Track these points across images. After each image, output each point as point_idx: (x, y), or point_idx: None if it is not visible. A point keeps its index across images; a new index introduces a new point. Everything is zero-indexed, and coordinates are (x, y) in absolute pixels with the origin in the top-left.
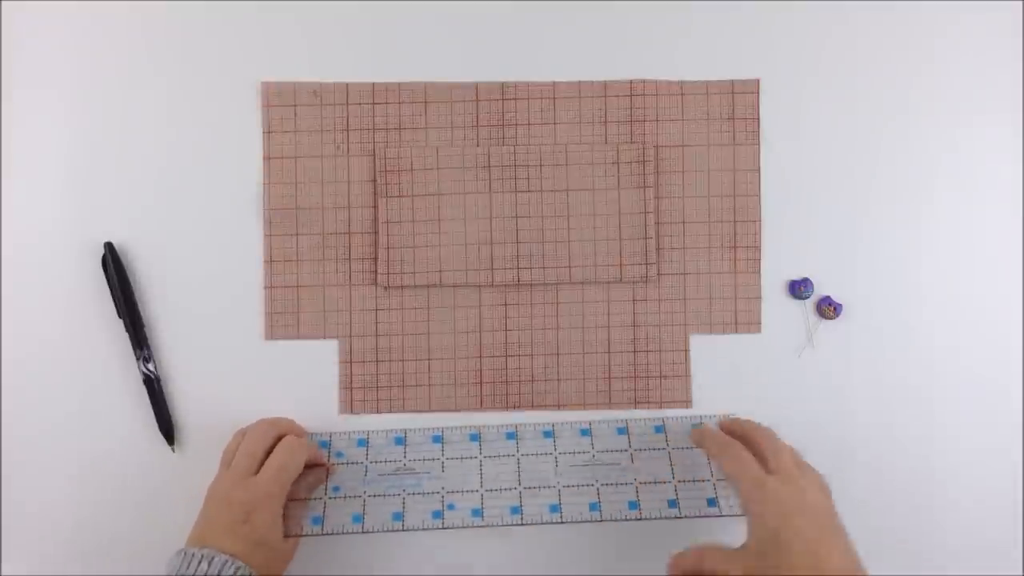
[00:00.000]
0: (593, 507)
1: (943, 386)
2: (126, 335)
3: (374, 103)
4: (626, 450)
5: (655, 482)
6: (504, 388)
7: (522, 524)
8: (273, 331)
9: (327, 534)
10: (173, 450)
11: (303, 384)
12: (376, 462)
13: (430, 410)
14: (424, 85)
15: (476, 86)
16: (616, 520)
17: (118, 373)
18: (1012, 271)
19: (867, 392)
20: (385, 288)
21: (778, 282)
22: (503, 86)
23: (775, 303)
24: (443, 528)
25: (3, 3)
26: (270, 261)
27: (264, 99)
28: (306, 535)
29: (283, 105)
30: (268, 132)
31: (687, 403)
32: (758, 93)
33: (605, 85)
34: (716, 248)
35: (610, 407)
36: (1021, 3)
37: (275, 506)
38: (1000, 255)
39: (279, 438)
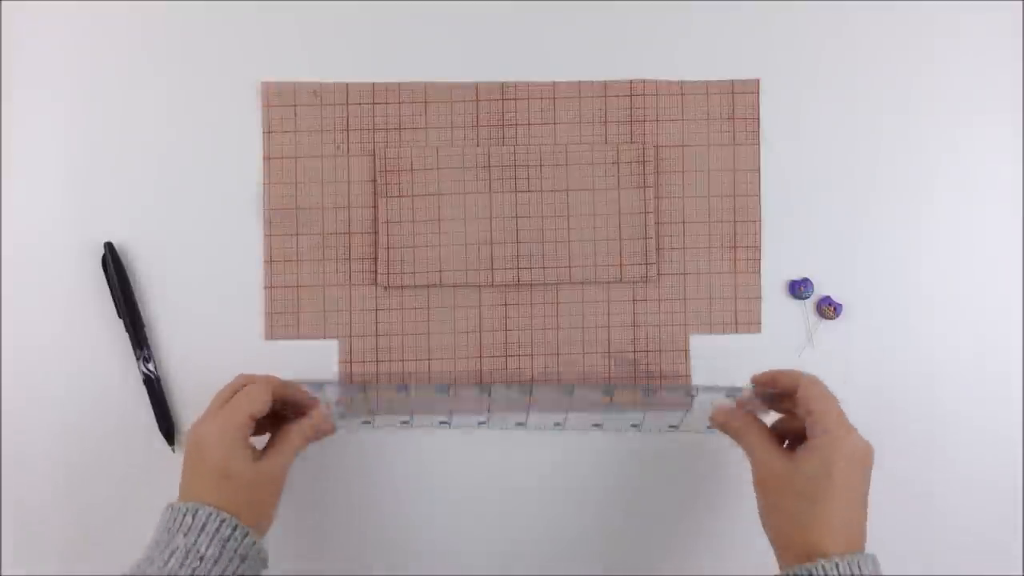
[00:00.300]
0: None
1: (943, 386)
2: (126, 335)
3: (374, 103)
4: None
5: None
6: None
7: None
8: (273, 331)
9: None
10: (173, 450)
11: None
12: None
13: (431, 411)
14: (424, 85)
15: (476, 86)
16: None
17: (118, 373)
18: (1012, 271)
19: (867, 392)
20: (385, 288)
21: (778, 282)
22: (503, 86)
23: (775, 303)
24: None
25: (3, 3)
26: (270, 261)
27: (264, 99)
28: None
29: (283, 105)
30: (268, 132)
31: (687, 403)
32: (758, 93)
33: (605, 85)
34: (716, 248)
35: (610, 407)
36: (1021, 3)
37: (227, 433)
38: (1000, 255)
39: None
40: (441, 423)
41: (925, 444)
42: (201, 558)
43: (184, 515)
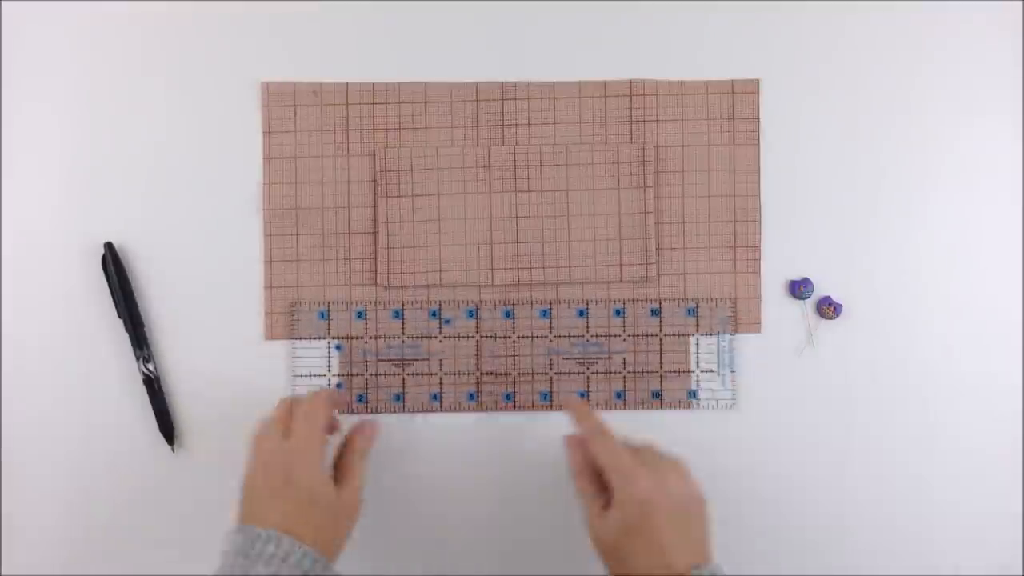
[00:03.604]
0: (581, 395)
1: (943, 386)
2: (126, 335)
3: (374, 103)
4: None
5: (644, 372)
6: (504, 387)
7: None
8: (273, 331)
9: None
10: (173, 450)
11: (303, 384)
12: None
13: (430, 411)
14: (424, 85)
15: (476, 86)
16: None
17: (118, 373)
18: (1012, 271)
19: (867, 392)
20: (385, 288)
21: (778, 282)
22: (503, 86)
23: (775, 303)
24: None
25: (3, 3)
26: (270, 261)
27: (264, 99)
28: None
29: (283, 105)
30: (268, 132)
31: (687, 404)
32: (758, 93)
33: (605, 85)
34: (716, 248)
35: (610, 407)
36: (1021, 3)
37: (313, 458)
38: (1000, 255)
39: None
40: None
41: (925, 444)
42: None
43: (266, 543)
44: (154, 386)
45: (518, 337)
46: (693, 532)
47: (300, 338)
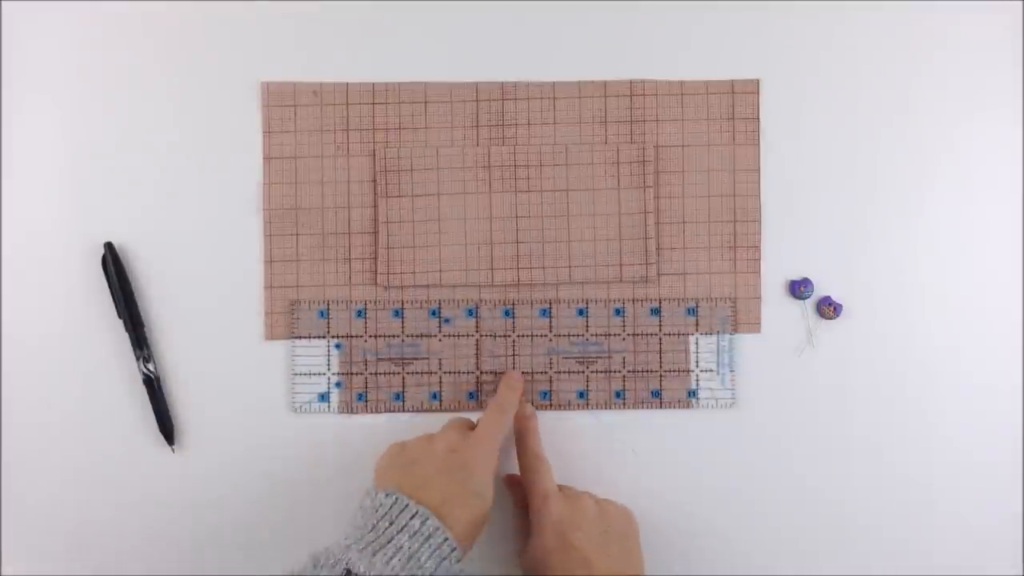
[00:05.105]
0: (580, 395)
1: (943, 386)
2: (126, 335)
3: (374, 103)
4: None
5: (643, 371)
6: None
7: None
8: (273, 331)
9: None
10: (173, 450)
11: (303, 384)
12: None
13: (430, 410)
14: (424, 85)
15: (476, 86)
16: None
17: (118, 373)
18: (1012, 271)
19: (867, 392)
20: (385, 288)
21: (778, 282)
22: (503, 86)
23: (775, 303)
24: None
25: (3, 3)
26: (270, 261)
27: (264, 99)
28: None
29: (283, 105)
30: (268, 132)
31: (687, 404)
32: (758, 93)
33: (605, 85)
34: (716, 248)
35: (609, 407)
36: (1021, 3)
37: (491, 456)
38: (1000, 255)
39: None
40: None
41: (925, 444)
42: (421, 568)
43: (412, 517)
44: (154, 386)
45: (518, 336)
46: (614, 547)
47: (300, 337)
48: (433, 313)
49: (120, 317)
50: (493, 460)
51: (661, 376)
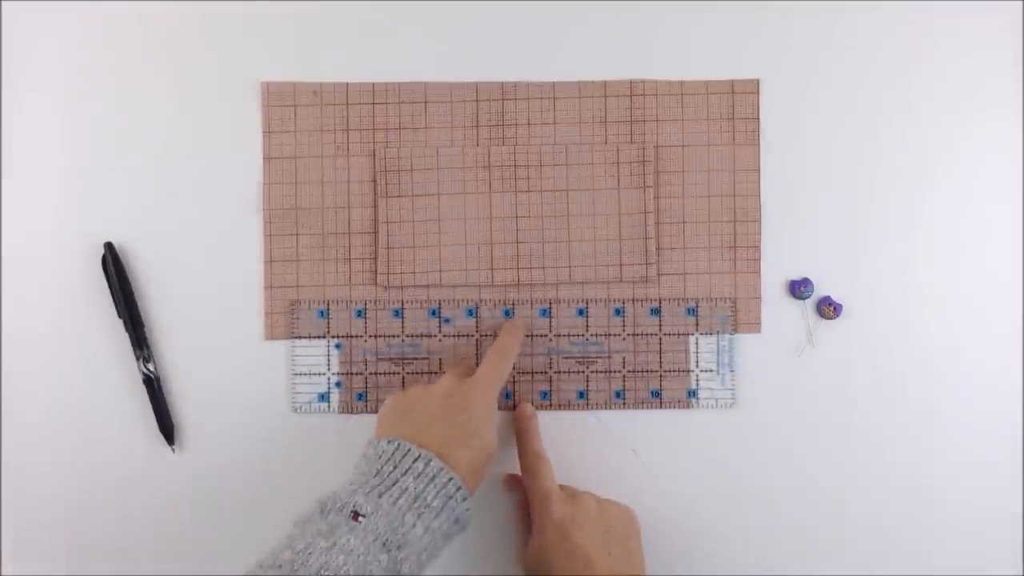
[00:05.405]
0: (580, 395)
1: (943, 386)
2: (126, 335)
3: (374, 103)
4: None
5: (643, 371)
6: (504, 387)
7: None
8: (273, 331)
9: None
10: (173, 450)
11: (303, 383)
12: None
13: None
14: (424, 85)
15: (476, 86)
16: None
17: (118, 373)
18: (1012, 271)
19: (867, 392)
20: (385, 288)
21: (778, 282)
22: (503, 86)
23: (775, 303)
24: None
25: (3, 3)
26: (270, 261)
27: (264, 99)
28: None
29: (283, 105)
30: (268, 132)
31: (687, 404)
32: (758, 93)
33: (605, 85)
34: (716, 248)
35: (609, 407)
36: (1021, 3)
37: (491, 400)
38: (1000, 255)
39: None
40: None
41: (925, 444)
42: (427, 506)
43: (415, 460)
44: (154, 386)
45: None
46: (615, 547)
47: (300, 337)
48: (433, 313)
49: (120, 317)
50: (492, 404)
51: (661, 376)
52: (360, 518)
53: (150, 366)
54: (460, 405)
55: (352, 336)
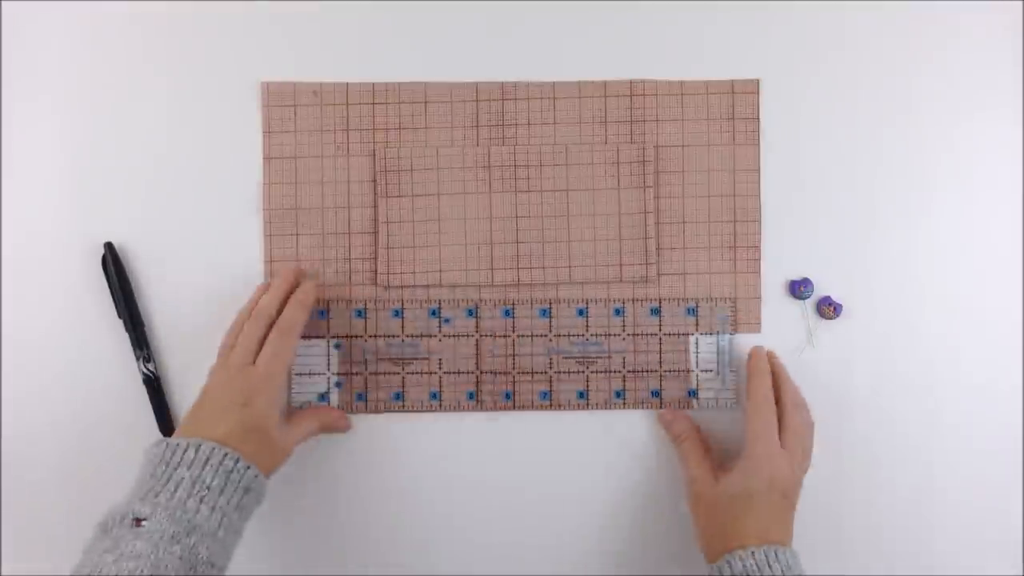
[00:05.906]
0: (580, 395)
1: (943, 386)
2: (126, 335)
3: (374, 103)
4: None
5: (643, 371)
6: (504, 387)
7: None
8: None
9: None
10: None
11: (303, 383)
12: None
13: (429, 410)
14: (424, 85)
15: (476, 86)
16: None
17: (118, 373)
18: (1012, 271)
19: (867, 392)
20: (385, 288)
21: (778, 282)
22: (503, 86)
23: (775, 303)
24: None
25: (3, 3)
26: (270, 261)
27: (264, 99)
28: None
29: (283, 105)
30: (268, 132)
31: (687, 404)
32: (758, 93)
33: (605, 85)
34: (716, 248)
35: (609, 407)
36: (1021, 3)
37: (273, 391)
38: (1000, 255)
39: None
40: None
41: (925, 444)
42: (208, 487)
43: (185, 450)
44: (154, 386)
45: (518, 336)
46: (786, 514)
47: (300, 338)
48: (433, 313)
49: (120, 317)
50: (272, 386)
51: (661, 376)
52: (142, 523)
53: (150, 366)
54: (244, 399)
55: (352, 336)
